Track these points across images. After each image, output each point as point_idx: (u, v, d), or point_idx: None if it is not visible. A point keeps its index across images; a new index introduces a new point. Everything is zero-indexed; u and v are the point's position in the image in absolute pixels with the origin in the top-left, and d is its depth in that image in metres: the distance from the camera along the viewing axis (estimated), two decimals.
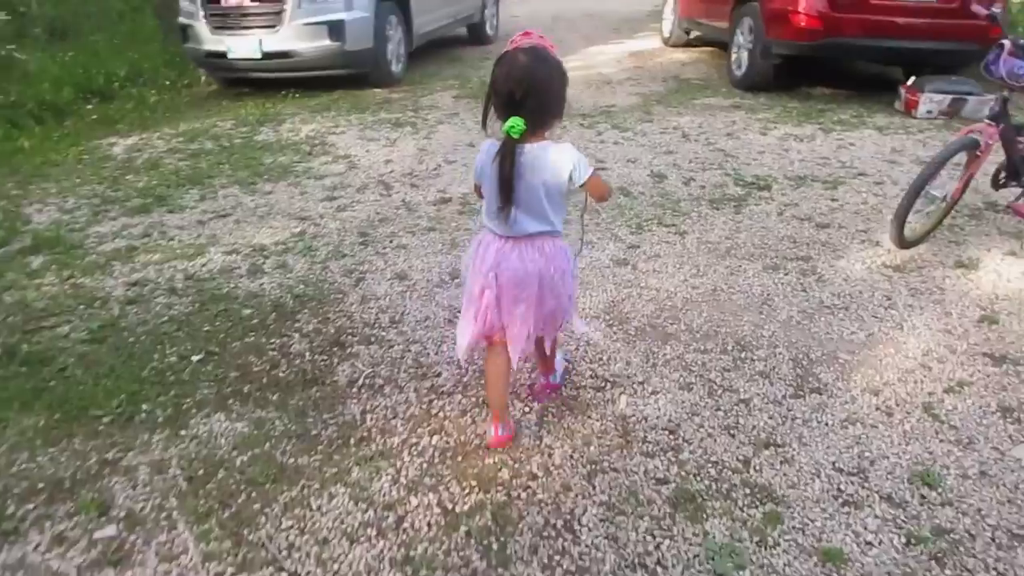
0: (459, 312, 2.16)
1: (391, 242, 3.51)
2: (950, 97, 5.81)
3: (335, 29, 6.37)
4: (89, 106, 6.50)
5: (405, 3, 7.21)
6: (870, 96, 6.58)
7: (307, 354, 2.60)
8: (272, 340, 2.69)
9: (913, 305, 2.90)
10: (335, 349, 2.63)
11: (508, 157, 1.79)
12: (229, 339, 2.70)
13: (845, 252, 3.38)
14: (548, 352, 2.28)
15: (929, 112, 5.85)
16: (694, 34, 9.03)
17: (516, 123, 1.76)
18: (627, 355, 2.57)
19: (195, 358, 2.57)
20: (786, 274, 3.15)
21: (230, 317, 2.85)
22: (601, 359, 2.55)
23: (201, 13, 6.53)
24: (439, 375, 2.47)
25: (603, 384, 2.42)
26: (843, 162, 4.70)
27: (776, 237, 3.54)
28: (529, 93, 1.76)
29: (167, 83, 7.38)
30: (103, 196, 4.24)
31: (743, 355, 2.56)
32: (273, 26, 6.37)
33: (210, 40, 6.53)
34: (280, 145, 5.18)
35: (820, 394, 2.35)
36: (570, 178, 1.85)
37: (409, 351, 2.61)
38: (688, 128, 5.54)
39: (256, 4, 6.36)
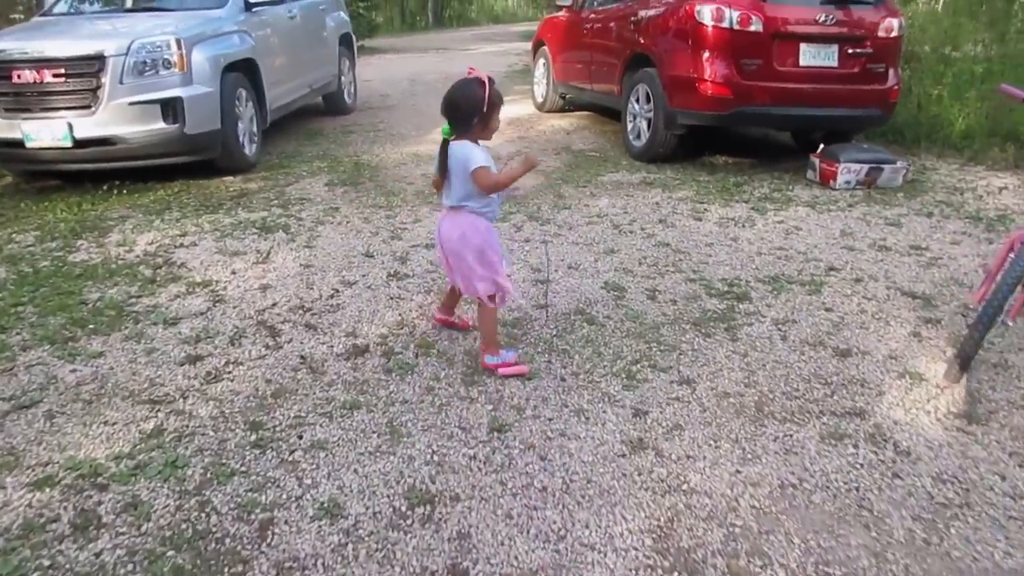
0: None
1: (300, 438, 2.41)
2: (867, 167, 5.52)
3: (171, 109, 5.13)
4: None
5: (255, 74, 6.07)
6: (773, 164, 6.25)
7: None
8: None
9: None
10: None
11: (442, 150, 2.71)
12: None
13: (892, 395, 2.69)
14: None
15: (847, 183, 5.53)
16: (568, 98, 8.54)
17: (445, 128, 2.68)
18: None
19: None
20: (855, 446, 2.39)
21: None
22: None
23: None
24: None
25: None
26: (802, 252, 4.14)
27: (801, 377, 2.80)
28: (449, 108, 2.63)
29: None
30: None
31: None
32: (87, 106, 5.02)
33: (0, 126, 5.06)
34: (108, 269, 3.88)
35: None
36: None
37: None
38: (614, 215, 4.82)
39: (61, 80, 4.99)
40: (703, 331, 3.17)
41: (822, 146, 5.87)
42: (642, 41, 6.30)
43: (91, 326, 3.20)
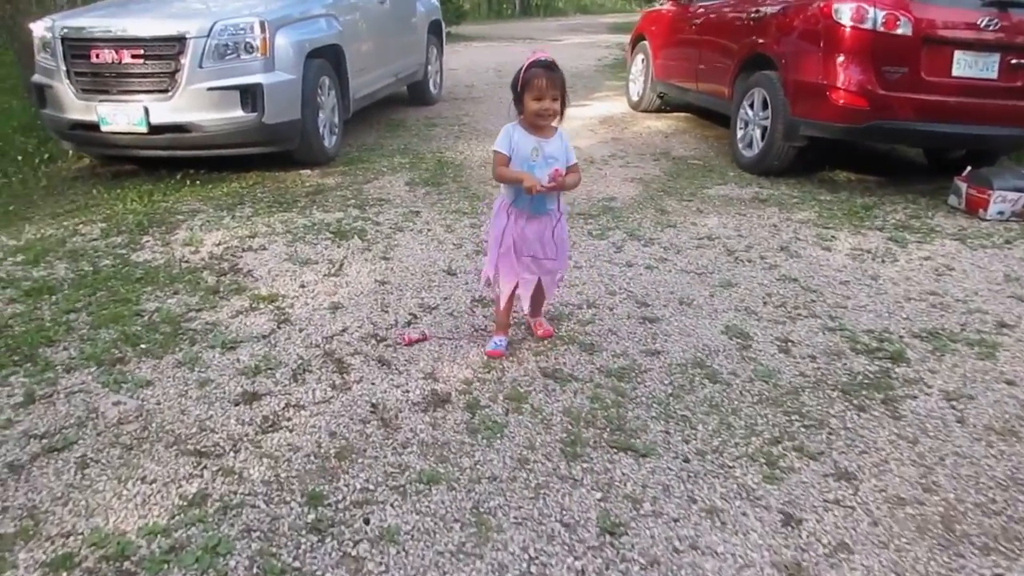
0: None
1: (367, 523, 1.96)
2: None
3: (250, 96, 4.80)
4: None
5: (340, 61, 5.70)
6: (905, 185, 5.52)
7: None
8: None
9: None
10: None
11: None
12: None
13: None
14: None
15: (1000, 213, 4.77)
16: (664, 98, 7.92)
17: None
18: None
19: None
20: None
21: None
22: None
23: (63, 69, 4.83)
24: None
25: None
26: (960, 300, 3.48)
27: (996, 482, 2.19)
28: None
29: (19, 158, 5.57)
30: None
31: None
32: (165, 90, 4.73)
33: (76, 107, 4.84)
34: (170, 274, 3.54)
35: None
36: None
37: None
38: (726, 237, 4.24)
39: (140, 61, 4.71)
40: (855, 402, 2.59)
41: (969, 168, 5.12)
42: (762, 40, 5.65)
43: (144, 345, 2.84)
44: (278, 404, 2.48)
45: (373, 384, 2.61)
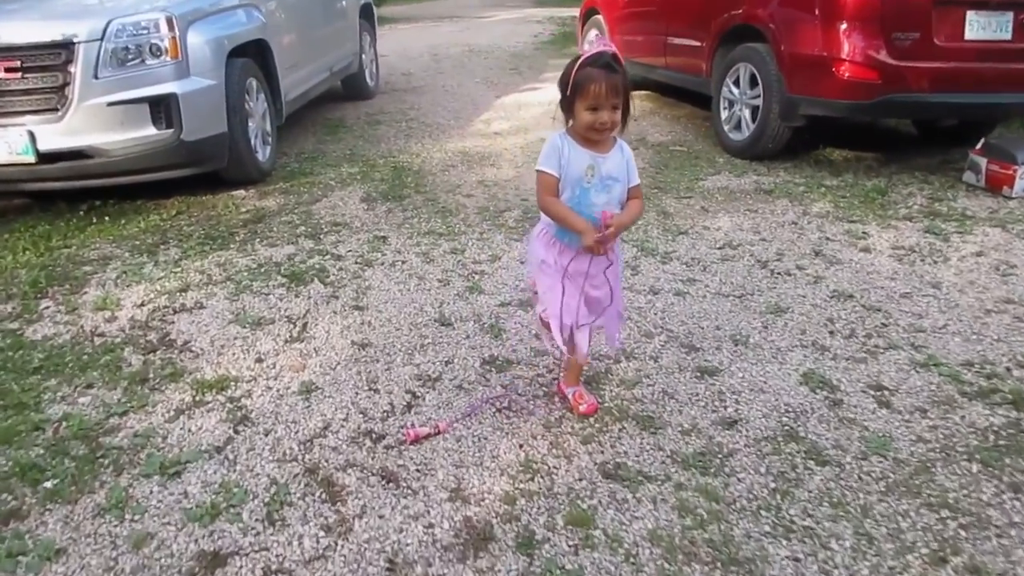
0: None
1: None
2: None
3: (163, 109, 3.93)
4: None
5: (267, 58, 4.85)
6: (905, 160, 5.08)
7: None
8: None
9: None
10: None
11: None
12: None
13: None
14: None
15: None
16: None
17: None
18: None
19: None
20: None
21: None
22: None
23: None
24: None
25: None
26: None
27: None
28: None
29: None
30: None
31: None
32: (54, 110, 3.82)
33: None
34: (80, 356, 2.72)
35: None
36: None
37: None
38: (749, 244, 3.66)
39: (17, 75, 3.78)
40: (1006, 479, 2.02)
41: (983, 141, 4.67)
42: (746, 9, 5.06)
43: (48, 483, 2.05)
44: (251, 570, 1.75)
45: (382, 518, 1.90)
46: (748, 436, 2.20)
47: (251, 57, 4.62)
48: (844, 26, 4.39)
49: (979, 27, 4.40)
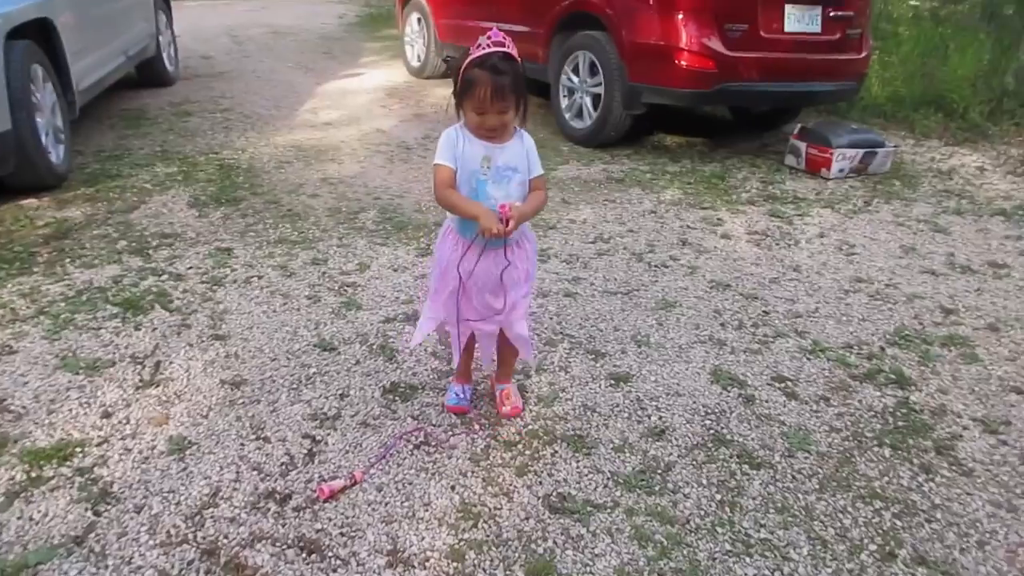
0: None
1: None
2: (862, 152, 4.77)
3: None
4: None
5: (53, 41, 4.09)
6: (728, 144, 5.44)
7: None
8: None
9: None
10: None
11: None
12: None
13: None
14: None
15: (841, 171, 4.75)
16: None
17: None
18: None
19: None
20: None
21: None
22: None
23: None
24: None
25: None
26: (889, 286, 3.26)
27: None
28: None
29: None
30: None
31: None
32: None
33: None
34: None
35: None
36: None
37: None
38: (619, 236, 3.66)
39: None
40: (916, 461, 2.13)
41: (799, 126, 5.05)
42: None
43: None
44: None
45: None
46: (679, 446, 2.15)
47: (32, 39, 3.86)
48: (681, 16, 4.52)
49: (795, 20, 4.72)
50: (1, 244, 3.30)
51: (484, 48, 1.81)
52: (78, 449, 2.03)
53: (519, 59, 1.86)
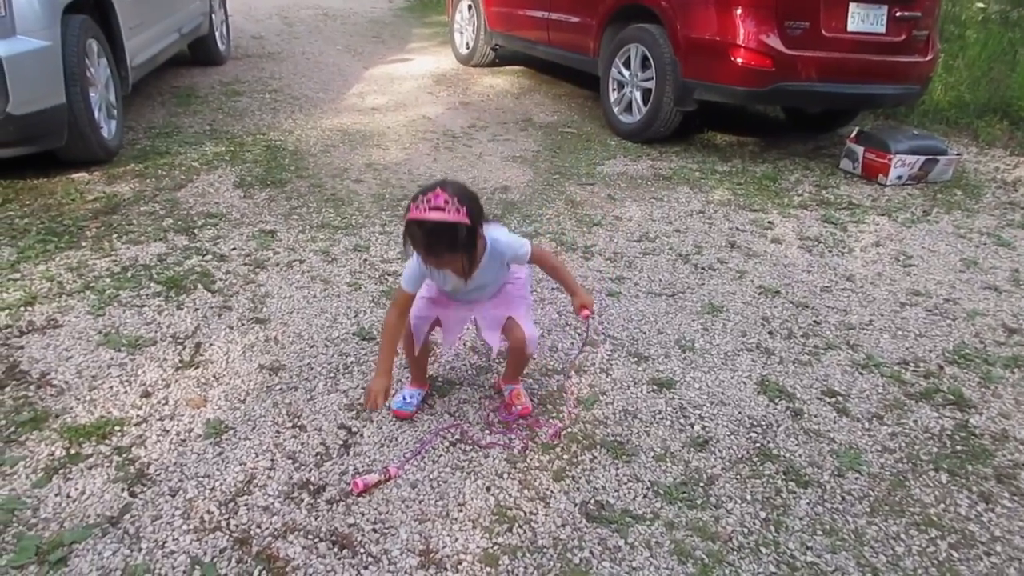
0: None
1: None
2: (922, 159, 4.59)
3: None
4: None
5: (108, 16, 4.13)
6: (781, 145, 5.29)
7: None
8: None
9: None
10: None
11: None
12: None
13: None
14: None
15: (899, 178, 4.58)
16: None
17: None
18: None
19: None
20: None
21: None
22: None
23: None
24: None
25: None
26: (948, 300, 3.11)
27: None
28: None
29: None
30: None
31: None
32: None
33: None
34: None
35: None
36: None
37: None
38: (665, 236, 3.57)
39: None
40: (974, 489, 2.02)
41: (857, 129, 4.88)
42: None
43: None
44: None
45: None
46: (723, 458, 2.07)
47: (89, 14, 3.90)
48: (739, 12, 4.38)
49: (860, 19, 4.54)
50: (52, 217, 3.33)
51: (421, 210, 1.70)
52: (117, 428, 2.03)
53: (463, 220, 1.71)
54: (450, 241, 1.73)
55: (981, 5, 8.89)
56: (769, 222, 3.84)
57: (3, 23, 3.24)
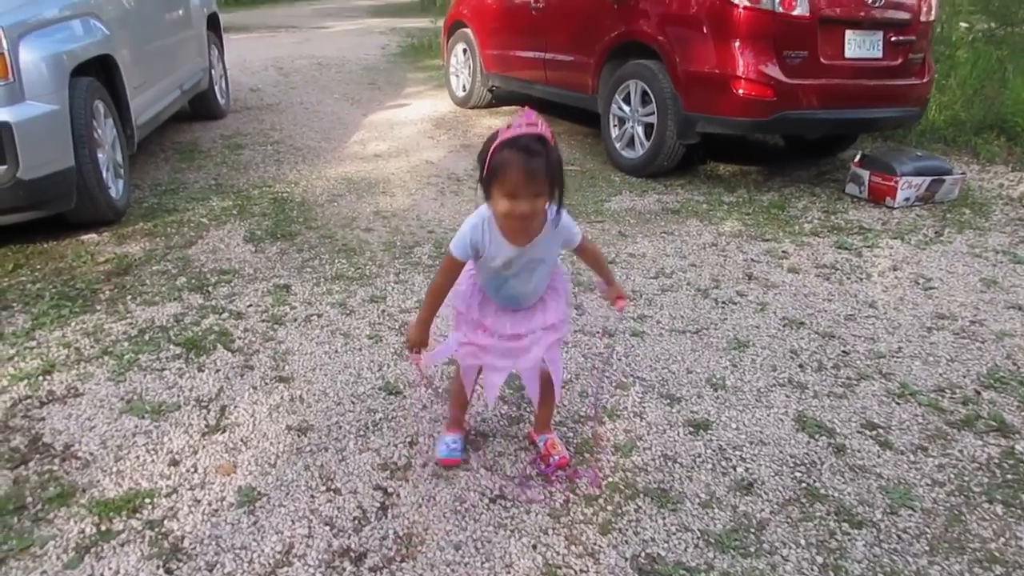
0: None
1: None
2: (928, 179, 4.60)
3: None
4: None
5: (113, 77, 4.15)
6: (785, 173, 5.29)
7: None
8: None
9: None
10: None
11: None
12: None
13: None
14: None
15: (907, 199, 4.58)
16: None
17: None
18: None
19: None
20: None
21: None
22: None
23: None
24: None
25: None
26: (973, 322, 3.08)
27: None
28: None
29: None
30: None
31: None
32: None
33: None
34: None
35: None
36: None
37: None
38: (680, 271, 3.54)
39: None
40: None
41: (860, 153, 4.90)
42: (635, 26, 4.99)
43: None
44: None
45: None
46: (770, 500, 2.02)
47: (95, 76, 3.91)
48: (738, 44, 4.42)
49: (856, 45, 4.59)
50: (64, 280, 3.30)
51: (516, 129, 1.68)
52: (147, 500, 1.97)
53: (554, 141, 1.72)
54: (549, 160, 1.67)
55: (965, 25, 9.02)
56: (783, 251, 3.83)
57: (11, 89, 3.24)
